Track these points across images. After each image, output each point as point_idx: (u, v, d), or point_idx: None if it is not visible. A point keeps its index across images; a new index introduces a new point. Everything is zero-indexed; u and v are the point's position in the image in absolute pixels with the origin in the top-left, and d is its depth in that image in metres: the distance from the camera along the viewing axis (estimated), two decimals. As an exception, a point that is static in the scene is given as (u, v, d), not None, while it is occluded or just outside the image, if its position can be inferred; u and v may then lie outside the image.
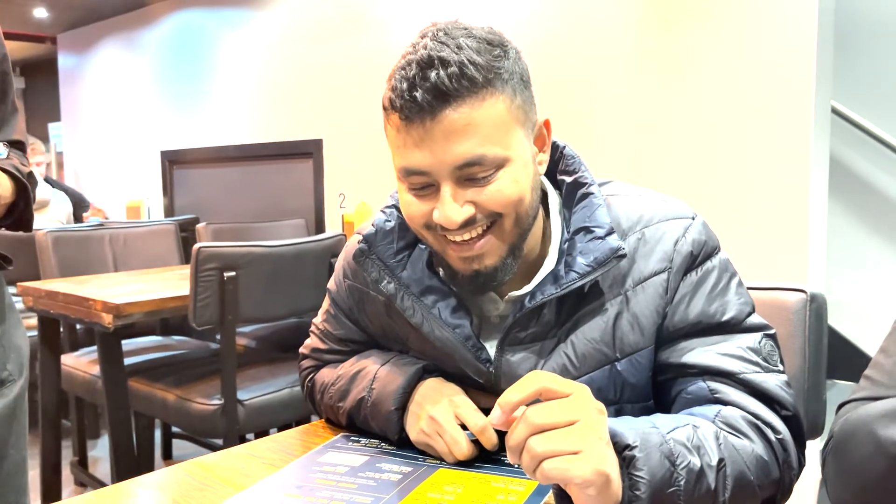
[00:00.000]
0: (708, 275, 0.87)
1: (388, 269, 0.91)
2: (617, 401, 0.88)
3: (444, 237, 0.83)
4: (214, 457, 0.90)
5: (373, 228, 0.93)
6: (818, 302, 1.12)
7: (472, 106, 0.77)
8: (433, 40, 0.79)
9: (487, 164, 0.79)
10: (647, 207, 0.89)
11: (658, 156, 2.60)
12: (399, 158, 0.82)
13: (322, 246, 2.22)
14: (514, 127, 0.81)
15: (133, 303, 1.94)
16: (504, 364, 0.89)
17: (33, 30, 5.68)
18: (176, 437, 2.95)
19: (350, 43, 3.67)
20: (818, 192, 2.33)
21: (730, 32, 2.42)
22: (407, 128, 0.78)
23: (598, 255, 0.83)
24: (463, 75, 0.76)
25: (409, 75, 0.77)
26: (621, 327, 0.86)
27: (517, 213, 0.82)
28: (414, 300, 0.90)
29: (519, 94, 0.81)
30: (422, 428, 0.87)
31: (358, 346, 1.05)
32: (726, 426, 0.78)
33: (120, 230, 2.97)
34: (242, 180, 4.39)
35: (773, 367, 0.85)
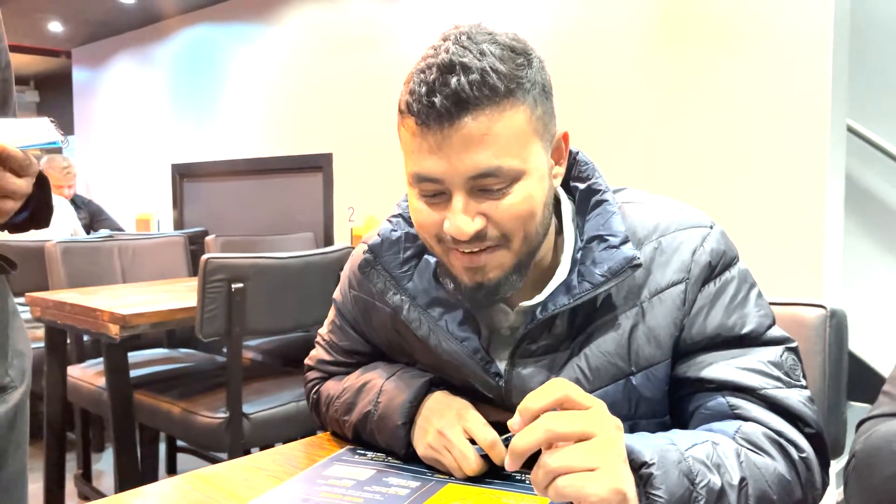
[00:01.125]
0: (727, 286, 0.84)
1: (393, 280, 0.89)
2: (632, 416, 0.85)
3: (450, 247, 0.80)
4: (217, 468, 0.87)
5: (378, 238, 0.91)
6: (838, 318, 1.09)
7: (492, 115, 0.74)
8: (455, 44, 0.76)
9: (503, 177, 0.75)
10: (663, 215, 0.86)
11: (671, 172, 2.58)
12: (412, 164, 0.79)
13: (330, 258, 2.21)
14: (533, 139, 0.77)
15: (140, 314, 1.93)
16: (515, 377, 0.86)
17: (48, 44, 5.74)
18: (181, 450, 2.93)
19: (360, 57, 3.68)
20: (833, 209, 2.30)
21: (745, 50, 2.41)
22: (423, 133, 0.76)
23: (612, 265, 0.80)
24: (485, 83, 0.73)
25: (428, 79, 0.74)
26: (637, 340, 0.83)
27: (526, 231, 0.79)
28: (420, 312, 0.87)
29: (540, 105, 0.78)
30: (429, 442, 0.85)
31: (364, 358, 1.02)
32: (747, 443, 0.75)
33: (129, 242, 2.97)
34: (252, 194, 4.40)
35: (795, 381, 0.81)
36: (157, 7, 4.59)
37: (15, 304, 1.08)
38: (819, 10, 2.25)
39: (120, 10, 4.64)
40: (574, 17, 2.85)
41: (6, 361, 1.02)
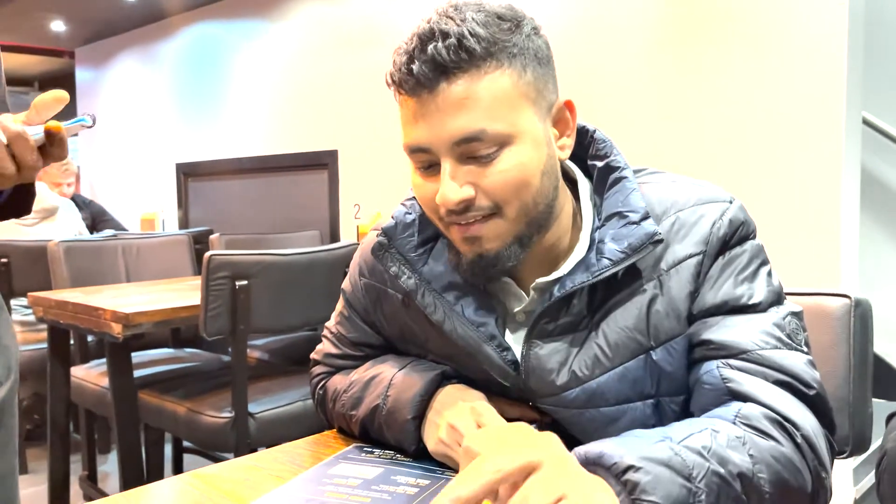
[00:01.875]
0: (738, 257, 0.81)
1: (408, 264, 0.86)
2: (654, 394, 0.82)
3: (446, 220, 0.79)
4: (218, 468, 0.84)
5: (392, 221, 0.89)
6: (863, 307, 1.05)
7: (471, 79, 0.73)
8: (441, 15, 0.76)
9: (488, 141, 0.74)
10: (681, 192, 0.85)
11: (686, 166, 2.54)
12: (404, 135, 0.78)
13: (335, 255, 2.18)
14: (522, 104, 0.75)
15: (143, 312, 1.90)
16: (532, 358, 0.83)
17: (51, 44, 5.73)
18: (187, 451, 2.90)
19: (365, 54, 3.65)
20: (849, 203, 2.26)
21: (759, 43, 2.36)
22: (407, 102, 0.76)
23: (632, 241, 0.78)
24: (461, 47, 0.72)
25: (409, 48, 0.75)
26: (656, 313, 0.80)
27: (521, 201, 0.76)
28: (436, 296, 0.85)
29: (530, 71, 0.76)
30: (441, 437, 0.81)
31: (373, 351, 0.99)
32: (748, 427, 0.70)
33: (133, 241, 2.94)
34: (257, 192, 4.37)
35: (796, 345, 0.78)
36: (161, 5, 4.57)
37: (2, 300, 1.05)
38: (834, 2, 2.20)
39: (123, 8, 4.62)
40: (583, 14, 2.81)
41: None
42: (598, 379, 0.81)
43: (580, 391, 0.81)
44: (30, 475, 2.92)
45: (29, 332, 3.00)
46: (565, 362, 0.82)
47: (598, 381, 0.81)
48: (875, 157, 2.65)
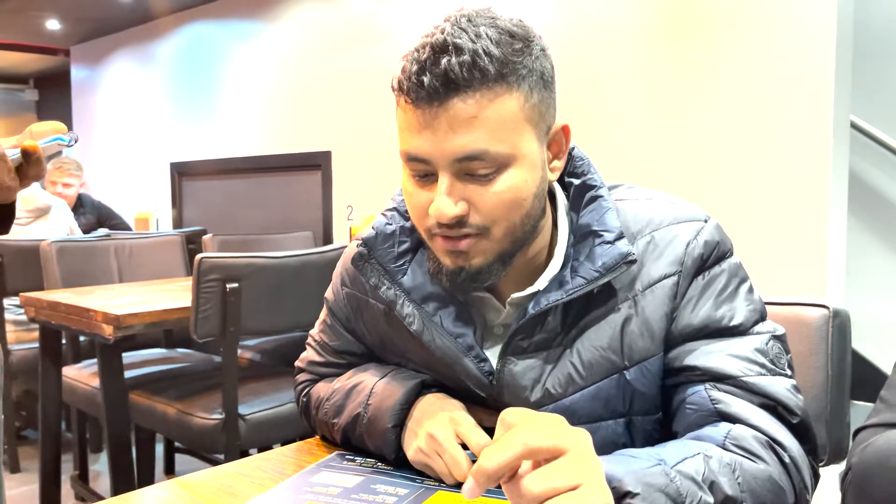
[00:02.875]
0: (717, 278, 0.82)
1: (388, 275, 0.87)
2: (626, 413, 0.83)
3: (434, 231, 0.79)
4: (200, 475, 0.85)
5: (373, 231, 0.89)
6: (841, 318, 1.06)
7: (481, 99, 0.73)
8: (454, 25, 0.75)
9: (489, 162, 0.74)
10: (657, 210, 0.85)
11: (673, 169, 2.55)
12: (402, 141, 0.78)
13: (327, 258, 2.18)
14: (525, 127, 0.76)
15: (134, 314, 1.91)
16: (507, 374, 0.83)
17: (47, 42, 5.73)
18: (179, 451, 2.91)
19: (359, 55, 3.66)
20: (837, 208, 2.27)
21: (748, 47, 2.38)
22: (412, 111, 0.75)
23: (606, 261, 0.79)
24: (475, 65, 0.72)
25: (420, 58, 0.74)
26: (630, 333, 0.81)
27: (510, 222, 0.77)
28: (415, 307, 0.85)
29: (536, 93, 0.76)
30: (420, 447, 0.82)
31: (355, 359, 1.00)
32: (739, 449, 0.72)
33: (126, 241, 2.95)
34: (251, 192, 4.37)
35: (780, 370, 0.79)
36: (156, 5, 4.57)
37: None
38: (823, 6, 2.22)
39: (118, 7, 4.62)
40: (576, 14, 2.82)
41: None
42: (571, 397, 0.82)
43: (553, 408, 0.82)
44: (21, 474, 2.93)
45: (22, 332, 3.00)
46: (539, 379, 0.83)
47: (572, 398, 0.82)
48: (863, 162, 2.67)
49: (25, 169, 0.84)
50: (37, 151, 0.83)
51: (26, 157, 0.83)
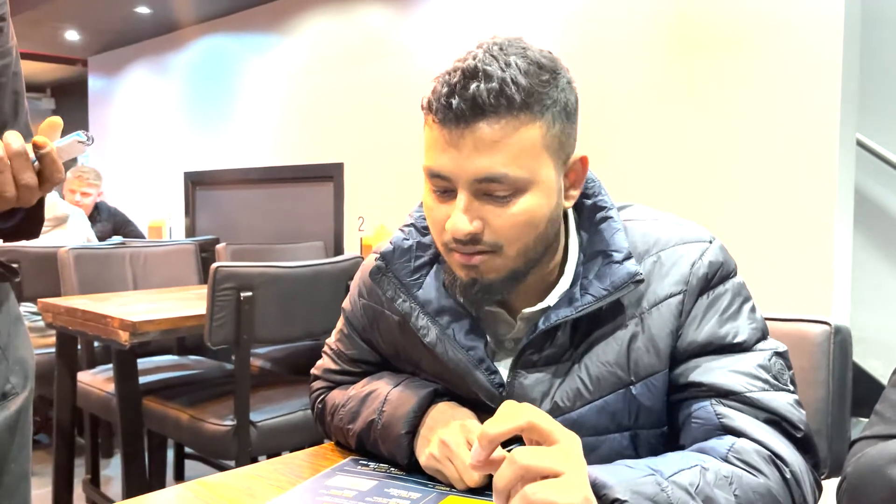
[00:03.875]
0: (721, 297, 0.85)
1: (403, 288, 0.91)
2: (631, 426, 0.86)
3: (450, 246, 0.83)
4: (220, 476, 0.88)
5: (390, 246, 0.93)
6: (842, 334, 1.09)
7: (506, 125, 0.77)
8: (485, 52, 0.79)
9: (508, 185, 0.78)
10: (663, 231, 0.88)
11: (680, 186, 2.58)
12: (427, 158, 0.82)
13: (339, 268, 2.22)
14: (544, 155, 0.80)
15: (149, 321, 1.94)
16: (517, 387, 0.87)
17: (65, 52, 5.82)
18: (189, 457, 2.94)
19: (371, 69, 3.71)
20: (843, 225, 2.29)
21: (754, 64, 2.41)
22: (440, 130, 0.79)
23: (614, 280, 0.83)
24: (502, 93, 0.76)
25: (451, 81, 0.78)
26: (636, 350, 0.84)
27: (523, 243, 0.81)
28: (429, 320, 0.89)
29: (558, 124, 0.80)
30: (432, 453, 0.85)
31: (370, 368, 1.03)
32: (741, 462, 0.74)
33: (140, 249, 2.99)
34: (263, 202, 4.42)
35: (782, 385, 0.82)
36: (173, 17, 4.64)
37: (19, 310, 1.10)
38: (830, 25, 2.25)
39: (136, 19, 4.70)
40: (586, 34, 2.86)
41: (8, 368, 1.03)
42: (578, 410, 0.85)
43: (561, 420, 0.84)
44: (34, 478, 2.96)
45: (36, 337, 3.05)
46: (548, 393, 0.86)
47: (579, 412, 0.85)
48: (869, 179, 2.69)
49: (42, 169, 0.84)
50: (45, 146, 0.83)
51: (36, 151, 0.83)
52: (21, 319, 1.09)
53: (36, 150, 0.83)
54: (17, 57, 1.03)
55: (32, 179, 0.83)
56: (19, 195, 0.83)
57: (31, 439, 1.10)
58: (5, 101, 1.00)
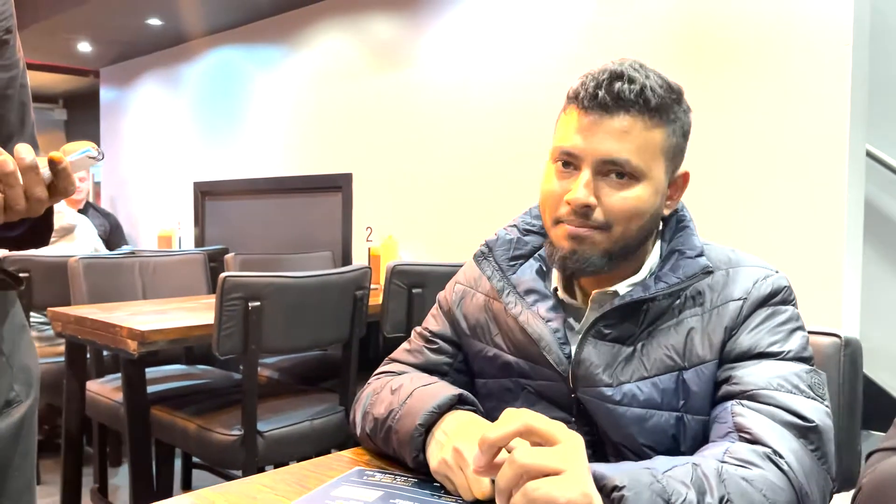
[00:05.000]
0: (777, 314, 0.94)
1: (500, 270, 1.05)
2: (679, 408, 0.93)
3: (562, 220, 0.94)
4: (225, 487, 0.88)
5: (495, 237, 1.08)
6: (853, 347, 1.08)
7: (637, 120, 0.90)
8: (630, 65, 0.93)
9: (627, 169, 0.90)
10: (737, 256, 1.00)
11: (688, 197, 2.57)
12: (561, 139, 0.94)
13: (347, 278, 2.22)
14: (661, 158, 0.93)
15: (158, 330, 1.95)
16: (584, 353, 0.96)
17: (77, 63, 5.87)
18: (196, 467, 2.94)
19: (380, 81, 3.73)
20: (853, 237, 2.28)
21: (763, 76, 2.41)
22: (580, 117, 0.92)
23: (686, 270, 0.94)
24: (641, 94, 0.90)
25: (599, 78, 0.91)
26: (693, 340, 0.94)
27: (627, 226, 0.92)
28: (517, 297, 1.02)
29: (676, 138, 0.94)
30: (444, 458, 0.85)
31: (444, 345, 1.12)
32: (734, 460, 0.78)
33: (150, 259, 3.01)
34: (272, 212, 4.44)
35: (815, 396, 0.87)
36: (184, 29, 4.68)
37: (24, 319, 1.10)
38: (838, 36, 2.25)
39: (147, 31, 4.74)
40: (593, 45, 2.86)
41: (12, 376, 1.04)
42: (635, 383, 0.95)
43: (617, 390, 0.95)
44: (42, 486, 2.98)
45: (45, 346, 3.06)
46: (611, 364, 0.95)
47: (636, 384, 0.95)
48: (879, 190, 2.67)
49: (55, 182, 0.85)
50: (62, 162, 0.85)
51: (52, 167, 0.85)
52: (26, 328, 1.10)
53: (52, 165, 0.84)
54: (24, 69, 1.04)
55: (43, 193, 0.85)
56: (29, 207, 0.84)
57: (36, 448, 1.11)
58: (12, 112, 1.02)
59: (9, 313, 1.06)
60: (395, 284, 2.39)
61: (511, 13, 3.15)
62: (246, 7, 4.22)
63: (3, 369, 1.03)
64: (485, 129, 3.24)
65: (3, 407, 1.03)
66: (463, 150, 3.33)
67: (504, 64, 3.16)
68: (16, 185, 0.82)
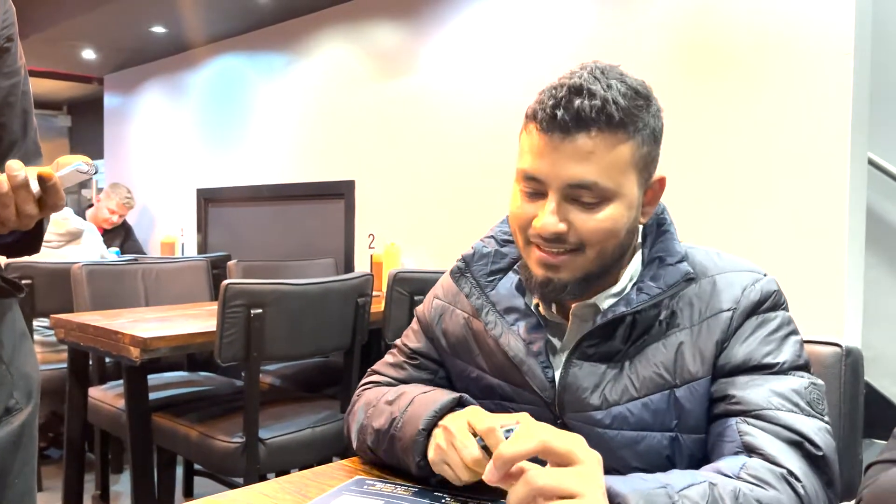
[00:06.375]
0: (769, 322, 0.90)
1: (479, 287, 1.00)
2: (673, 428, 0.90)
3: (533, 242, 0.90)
4: (225, 496, 0.88)
5: (472, 251, 1.03)
6: (854, 356, 1.08)
7: (601, 139, 0.84)
8: (590, 73, 0.87)
9: (595, 193, 0.85)
10: (722, 260, 0.96)
11: (690, 206, 2.57)
12: (523, 161, 0.89)
13: (349, 285, 2.23)
14: (631, 171, 0.88)
15: (160, 337, 1.96)
16: (570, 376, 0.93)
17: (81, 70, 5.89)
18: (198, 474, 2.94)
19: (383, 89, 3.74)
20: (854, 244, 2.28)
21: (765, 84, 2.41)
22: (540, 138, 0.86)
23: (668, 279, 0.90)
24: (603, 110, 0.84)
25: (557, 95, 0.85)
26: (683, 356, 0.90)
27: (602, 248, 0.88)
28: (497, 316, 0.98)
29: (646, 146, 0.89)
30: (438, 443, 0.86)
31: (426, 362, 1.09)
32: (752, 478, 0.76)
33: (153, 265, 3.01)
34: (275, 219, 4.45)
35: (815, 413, 0.84)
36: (187, 37, 4.70)
37: (25, 327, 1.11)
38: (840, 44, 2.25)
39: (151, 38, 4.76)
40: (596, 53, 2.87)
41: (12, 383, 1.04)
42: (625, 404, 0.91)
43: (606, 413, 0.91)
44: (44, 493, 2.98)
45: (49, 353, 3.07)
46: (599, 385, 0.92)
47: (626, 406, 0.91)
48: (881, 198, 2.67)
49: (44, 198, 0.86)
50: (51, 179, 0.85)
51: (42, 184, 0.85)
52: (27, 335, 1.10)
53: (42, 181, 0.85)
54: (26, 76, 1.05)
55: (34, 210, 0.86)
56: (19, 222, 0.85)
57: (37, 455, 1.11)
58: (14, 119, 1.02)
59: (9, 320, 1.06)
60: (397, 292, 2.39)
61: (514, 22, 3.16)
62: (249, 15, 4.23)
63: (2, 377, 1.04)
64: (487, 136, 3.25)
65: (3, 414, 1.03)
66: (465, 158, 3.33)
67: (506, 72, 3.16)
68: (10, 204, 0.83)
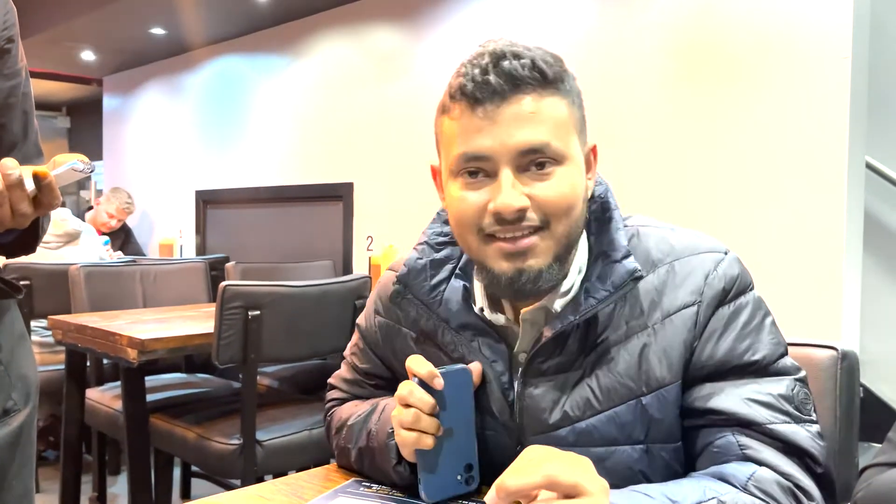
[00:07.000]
0: (741, 311, 0.83)
1: (425, 307, 0.91)
2: (643, 440, 0.83)
3: (492, 235, 0.81)
4: (221, 497, 0.88)
5: (405, 268, 0.93)
6: (850, 360, 1.08)
7: (539, 97, 0.79)
8: (505, 44, 0.81)
9: (549, 154, 0.79)
10: (678, 240, 0.87)
11: (687, 209, 2.58)
12: (459, 145, 0.81)
13: (347, 287, 2.23)
14: (573, 132, 0.83)
15: (157, 339, 1.96)
16: (527, 397, 0.86)
17: (80, 72, 5.89)
18: (195, 476, 2.94)
19: (381, 90, 3.74)
20: (852, 248, 2.28)
21: (762, 88, 2.41)
22: (474, 111, 0.79)
23: (614, 279, 0.82)
24: (535, 67, 0.79)
25: (482, 63, 0.80)
26: (648, 361, 0.82)
27: (567, 219, 0.81)
28: (453, 335, 0.90)
29: (577, 109, 0.84)
30: (394, 416, 0.83)
31: (381, 383, 1.03)
32: (760, 492, 0.73)
33: (150, 267, 3.01)
34: (273, 221, 4.45)
35: (805, 416, 0.80)
36: (186, 38, 4.70)
37: (23, 328, 1.11)
38: (838, 48, 2.26)
39: (150, 40, 4.76)
40: (592, 57, 2.87)
41: (10, 384, 1.04)
42: (588, 420, 0.83)
43: (570, 430, 0.84)
44: (41, 494, 2.97)
45: (47, 354, 3.06)
46: (558, 402, 0.84)
47: (589, 421, 0.83)
48: (879, 202, 2.67)
49: (39, 197, 0.86)
50: (46, 177, 0.85)
51: (37, 182, 0.85)
52: (25, 336, 1.10)
53: (37, 180, 0.85)
54: (27, 77, 1.05)
55: (28, 209, 0.85)
56: (14, 221, 0.85)
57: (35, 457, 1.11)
58: (15, 120, 1.02)
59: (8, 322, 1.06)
60: (395, 294, 2.39)
61: (512, 23, 3.17)
62: (248, 17, 4.24)
63: (1, 378, 1.04)
64: (485, 139, 3.25)
65: (2, 416, 1.03)
66: (464, 160, 3.33)
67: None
68: (4, 203, 0.83)
